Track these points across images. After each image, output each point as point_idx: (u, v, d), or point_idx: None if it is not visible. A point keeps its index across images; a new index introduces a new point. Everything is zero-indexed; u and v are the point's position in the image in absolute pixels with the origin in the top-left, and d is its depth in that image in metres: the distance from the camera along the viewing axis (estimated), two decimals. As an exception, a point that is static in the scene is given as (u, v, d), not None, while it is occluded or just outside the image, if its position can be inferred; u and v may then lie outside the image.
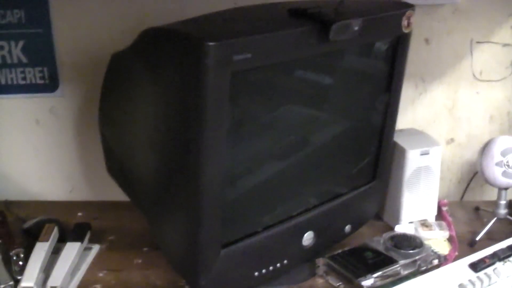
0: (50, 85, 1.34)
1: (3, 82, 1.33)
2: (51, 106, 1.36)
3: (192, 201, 0.90)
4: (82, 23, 1.30)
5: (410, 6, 1.06)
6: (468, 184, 1.43)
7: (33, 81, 1.34)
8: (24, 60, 1.32)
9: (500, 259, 1.07)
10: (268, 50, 0.86)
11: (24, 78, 1.33)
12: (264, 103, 0.95)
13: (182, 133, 0.88)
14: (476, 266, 1.05)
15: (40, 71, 1.33)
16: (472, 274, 1.04)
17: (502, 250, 1.09)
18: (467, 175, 1.44)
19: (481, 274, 1.04)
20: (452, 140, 1.42)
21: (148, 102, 0.96)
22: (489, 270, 1.05)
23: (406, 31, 1.06)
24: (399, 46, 1.08)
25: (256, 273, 1.00)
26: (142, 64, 0.95)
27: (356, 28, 0.93)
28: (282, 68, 0.94)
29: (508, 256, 1.08)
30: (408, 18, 1.05)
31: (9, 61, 1.32)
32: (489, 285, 1.02)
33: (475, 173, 1.39)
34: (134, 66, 0.98)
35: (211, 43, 0.80)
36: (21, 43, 1.31)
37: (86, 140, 1.38)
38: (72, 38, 1.31)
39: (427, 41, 1.33)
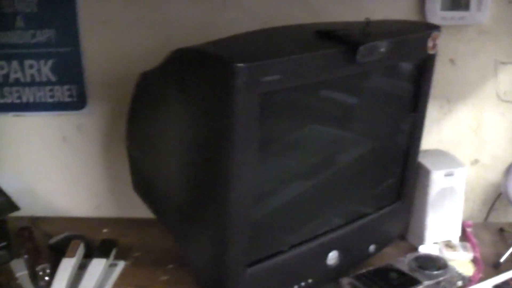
0: (78, 103, 1.36)
1: (31, 99, 1.36)
2: (79, 124, 1.38)
3: (220, 220, 0.91)
4: (110, 43, 1.32)
5: (436, 28, 1.07)
6: (492, 205, 1.42)
7: (61, 99, 1.36)
8: (53, 78, 1.34)
9: (525, 281, 1.07)
10: (296, 72, 0.88)
11: (52, 96, 1.35)
12: (291, 123, 0.96)
13: (211, 153, 0.89)
14: (501, 288, 1.05)
15: (68, 89, 1.35)
16: (497, 296, 1.04)
17: (527, 272, 1.09)
18: (491, 196, 1.43)
19: (506, 296, 1.04)
20: (476, 161, 1.42)
21: (176, 121, 0.97)
22: (514, 292, 1.05)
23: (431, 52, 1.07)
24: (424, 67, 1.09)
25: (282, 292, 1.01)
26: (171, 84, 0.97)
27: (382, 49, 0.94)
28: (309, 89, 0.95)
29: (533, 279, 1.08)
30: (434, 40, 1.06)
31: (38, 79, 1.34)
32: (514, 307, 1.02)
33: (499, 194, 1.38)
34: (163, 86, 1.00)
35: (239, 65, 0.81)
36: (50, 62, 1.33)
37: (112, 157, 1.39)
38: (101, 57, 1.33)
39: (452, 61, 1.34)
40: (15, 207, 1.23)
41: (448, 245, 1.24)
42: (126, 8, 1.29)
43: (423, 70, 1.09)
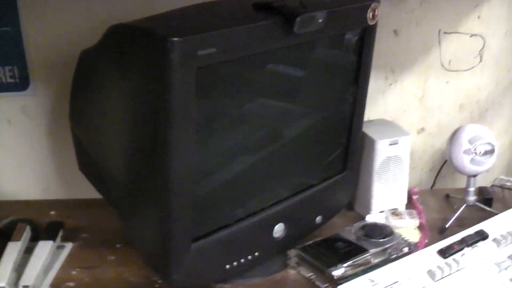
0: (20, 83, 1.33)
1: (-28, 82, 1.33)
2: (23, 105, 1.35)
3: (162, 197, 0.91)
4: (51, 21, 1.28)
5: (376, -1, 1.08)
6: (439, 172, 1.45)
7: (3, 80, 1.32)
8: (-7, 59, 1.31)
9: (468, 245, 1.09)
10: (232, 45, 0.87)
11: (-6, 78, 1.33)
12: (233, 97, 0.96)
13: (150, 129, 0.88)
14: (444, 252, 1.07)
15: (10, 70, 1.32)
16: (440, 260, 1.06)
17: (470, 236, 1.11)
18: (438, 163, 1.46)
19: (449, 260, 1.05)
20: (422, 129, 1.44)
21: (116, 98, 0.96)
22: (457, 255, 1.07)
23: (371, 23, 1.07)
24: (365, 38, 1.09)
25: (228, 266, 1.01)
26: (109, 60, 0.95)
27: (320, 20, 0.94)
28: (249, 62, 0.94)
29: (476, 242, 1.10)
30: (373, 11, 1.06)
31: (-23, 60, 1.31)
32: (457, 270, 1.04)
33: (445, 161, 1.41)
34: (102, 63, 0.98)
35: (174, 39, 0.80)
36: (-11, 42, 1.30)
37: (59, 138, 1.37)
38: (42, 36, 1.30)
39: (396, 32, 1.35)
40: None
41: (395, 213, 1.26)
42: (66, -16, 1.27)
43: (365, 41, 1.09)
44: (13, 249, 1.09)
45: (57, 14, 1.28)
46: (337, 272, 1.03)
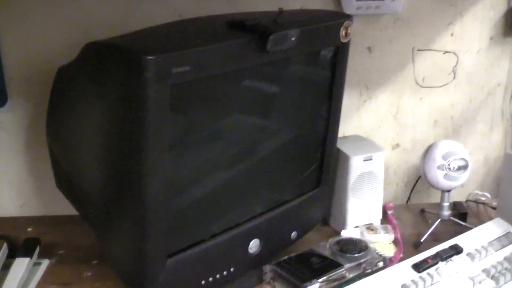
0: (-2, 99, 1.33)
1: (-52, 98, 1.32)
2: (0, 121, 1.35)
3: (136, 213, 0.91)
4: (29, 38, 1.29)
5: (348, 17, 1.09)
6: (413, 187, 1.47)
7: (-19, 96, 1.33)
8: (-30, 75, 1.31)
9: (443, 259, 1.10)
10: (206, 62, 0.88)
11: (-30, 94, 1.32)
12: (208, 114, 0.97)
13: (124, 146, 0.89)
14: (419, 267, 1.08)
15: (-13, 86, 1.32)
16: (415, 274, 1.06)
17: (444, 250, 1.12)
18: (413, 178, 1.47)
19: (423, 274, 1.06)
20: (397, 145, 1.46)
21: (91, 115, 0.97)
22: (431, 270, 1.07)
23: (344, 41, 1.09)
24: (338, 55, 1.11)
25: (203, 282, 1.01)
26: (86, 77, 0.96)
27: (293, 38, 0.96)
28: (223, 79, 0.95)
29: (450, 256, 1.11)
30: (346, 29, 1.08)
31: (-47, 76, 1.31)
32: (431, 284, 1.05)
33: (420, 177, 1.43)
34: (78, 80, 0.99)
35: (148, 57, 0.81)
36: (-34, 58, 1.30)
37: (36, 155, 1.37)
38: (20, 52, 1.30)
39: (370, 49, 1.37)
40: None
41: (370, 228, 1.27)
42: (43, 1, 1.27)
43: (338, 58, 1.11)
44: (-11, 266, 1.08)
45: (36, 31, 1.29)
46: (313, 287, 1.04)
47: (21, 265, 1.11)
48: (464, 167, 1.24)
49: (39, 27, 1.29)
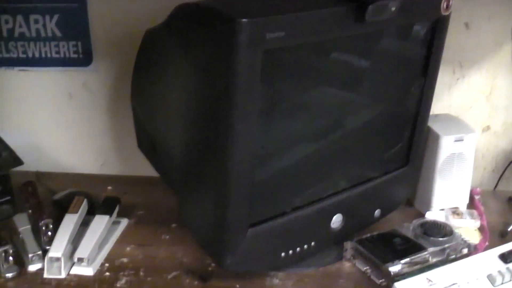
0: (83, 59, 1.34)
1: (37, 55, 1.34)
2: (85, 81, 1.37)
3: (221, 180, 0.90)
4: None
5: (450, -12, 1.04)
6: (503, 174, 1.40)
7: (67, 55, 1.34)
8: (59, 34, 1.32)
9: (532, 251, 1.05)
10: (301, 29, 0.85)
11: (58, 52, 1.34)
12: (297, 84, 0.94)
13: (212, 111, 0.87)
14: (506, 257, 1.04)
15: (74, 45, 1.33)
16: (501, 265, 1.02)
17: (534, 241, 1.07)
18: (502, 164, 1.41)
19: (511, 265, 1.02)
20: (488, 127, 1.40)
21: (180, 78, 0.96)
22: (519, 261, 1.03)
23: (444, 13, 1.04)
24: (437, 29, 1.06)
25: (283, 254, 1.00)
26: (175, 40, 0.95)
27: (393, 9, 0.92)
28: (316, 48, 0.92)
29: (540, 248, 1.06)
30: (448, 1, 1.03)
31: (43, 34, 1.32)
32: (519, 277, 1.01)
33: (510, 162, 1.36)
34: (167, 43, 0.98)
35: (243, 20, 0.79)
36: (55, 17, 1.31)
37: (118, 115, 1.38)
38: (107, 13, 1.30)
39: (467, 25, 1.30)
40: (18, 161, 1.22)
41: (455, 212, 1.23)
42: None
43: (436, 32, 1.06)
44: (70, 221, 1.10)
45: (124, -8, 1.29)
46: (394, 268, 1.01)
47: (100, 222, 1.13)
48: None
49: (128, -12, 1.29)
